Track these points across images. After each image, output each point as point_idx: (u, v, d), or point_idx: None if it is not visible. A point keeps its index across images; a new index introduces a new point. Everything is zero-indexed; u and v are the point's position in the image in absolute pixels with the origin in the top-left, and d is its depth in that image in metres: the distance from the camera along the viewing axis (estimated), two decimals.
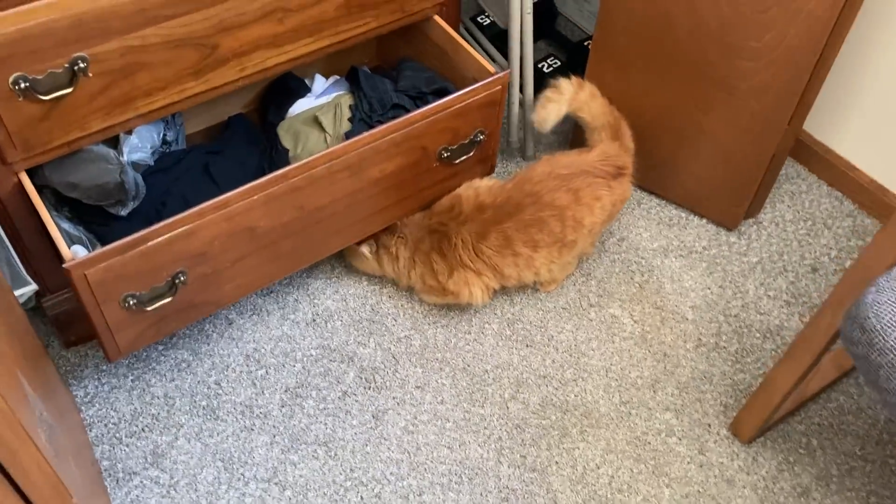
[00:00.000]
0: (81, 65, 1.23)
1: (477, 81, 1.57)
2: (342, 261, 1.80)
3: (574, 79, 1.69)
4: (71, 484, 1.05)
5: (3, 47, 1.16)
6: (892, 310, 1.05)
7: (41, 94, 1.23)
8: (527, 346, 1.68)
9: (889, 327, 1.04)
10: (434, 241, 1.63)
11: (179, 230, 1.30)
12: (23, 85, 1.20)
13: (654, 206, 1.93)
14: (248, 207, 1.37)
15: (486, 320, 1.72)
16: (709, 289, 1.78)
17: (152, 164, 1.51)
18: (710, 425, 1.57)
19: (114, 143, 1.48)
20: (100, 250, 1.25)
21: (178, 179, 1.58)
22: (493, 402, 1.60)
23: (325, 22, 1.47)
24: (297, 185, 1.40)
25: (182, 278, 1.36)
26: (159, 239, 1.28)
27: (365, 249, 1.68)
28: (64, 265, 1.22)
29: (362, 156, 1.46)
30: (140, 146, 1.46)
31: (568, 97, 1.67)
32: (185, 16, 1.30)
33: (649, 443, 1.55)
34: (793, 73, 1.57)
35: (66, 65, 1.23)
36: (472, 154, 1.64)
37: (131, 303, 1.33)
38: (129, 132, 1.47)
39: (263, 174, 1.62)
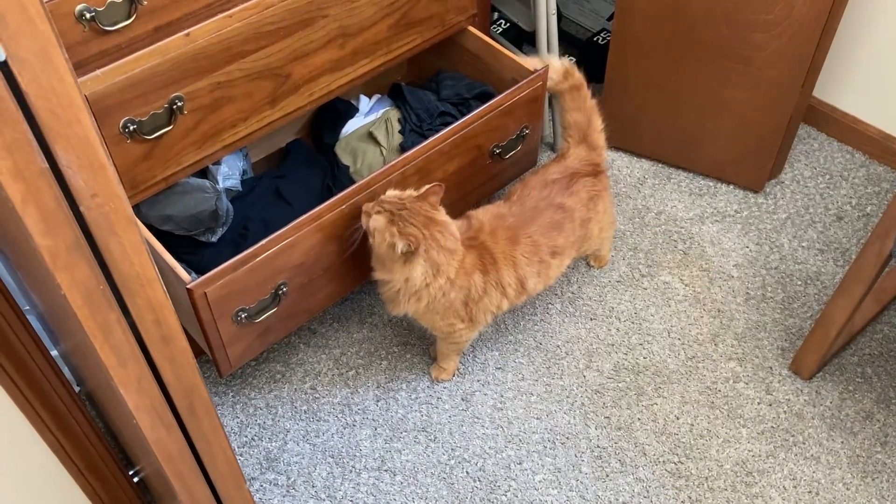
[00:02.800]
0: (179, 103, 1.36)
1: (516, 81, 1.70)
2: None
3: (567, 66, 1.70)
4: None
5: (115, 94, 1.28)
6: None
7: (146, 135, 1.35)
8: (591, 319, 1.81)
9: None
10: (473, 259, 1.52)
11: (283, 243, 1.42)
12: (131, 128, 1.33)
13: (684, 180, 2.07)
14: (338, 217, 1.49)
15: (549, 301, 1.85)
16: (747, 247, 1.92)
17: (241, 189, 1.63)
18: (771, 368, 1.70)
19: (201, 174, 1.60)
20: (215, 270, 1.36)
21: (255, 204, 1.70)
22: (569, 373, 1.72)
23: (379, 43, 1.61)
24: (378, 192, 1.53)
25: (284, 289, 1.48)
26: (266, 253, 1.40)
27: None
28: (187, 286, 1.34)
29: (429, 159, 1.59)
30: (230, 174, 1.58)
31: (552, 77, 1.70)
32: (263, 49, 1.43)
33: (719, 390, 1.68)
34: (803, 39, 1.72)
35: (166, 105, 1.35)
36: (518, 149, 1.78)
37: (242, 317, 1.44)
38: (218, 162, 1.59)
39: (329, 191, 1.76)
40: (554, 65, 1.71)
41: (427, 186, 1.49)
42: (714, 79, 1.87)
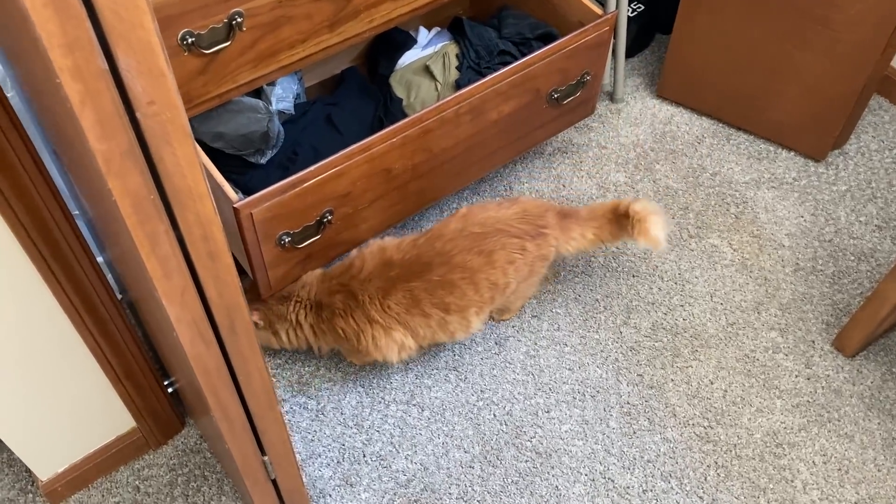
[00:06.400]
0: (238, 19, 1.34)
1: (583, 24, 1.65)
2: (449, 206, 1.90)
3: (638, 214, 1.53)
4: None
5: (177, 4, 1.26)
6: None
7: (203, 49, 1.33)
8: (633, 276, 1.78)
9: None
10: (338, 302, 1.49)
11: (331, 171, 1.41)
12: (189, 40, 1.31)
13: (744, 141, 2.01)
14: (388, 150, 1.47)
15: (592, 254, 1.82)
16: (802, 217, 1.87)
17: (294, 112, 1.62)
18: (814, 342, 1.67)
19: (255, 94, 1.59)
20: (263, 192, 1.36)
21: (306, 129, 1.69)
22: (606, 327, 1.70)
23: None
24: (429, 127, 1.50)
25: (329, 217, 1.47)
26: (315, 179, 1.39)
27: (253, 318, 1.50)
28: (234, 205, 1.34)
29: (485, 98, 1.55)
30: (284, 96, 1.57)
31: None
32: None
33: (758, 359, 1.65)
34: (891, 2, 1.63)
35: (226, 20, 1.33)
36: (577, 95, 1.73)
37: (286, 241, 1.45)
38: (272, 84, 1.58)
39: (380, 122, 1.74)
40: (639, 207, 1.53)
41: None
42: (787, 38, 1.79)
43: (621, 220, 1.55)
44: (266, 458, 1.22)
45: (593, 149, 2.02)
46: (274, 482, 1.30)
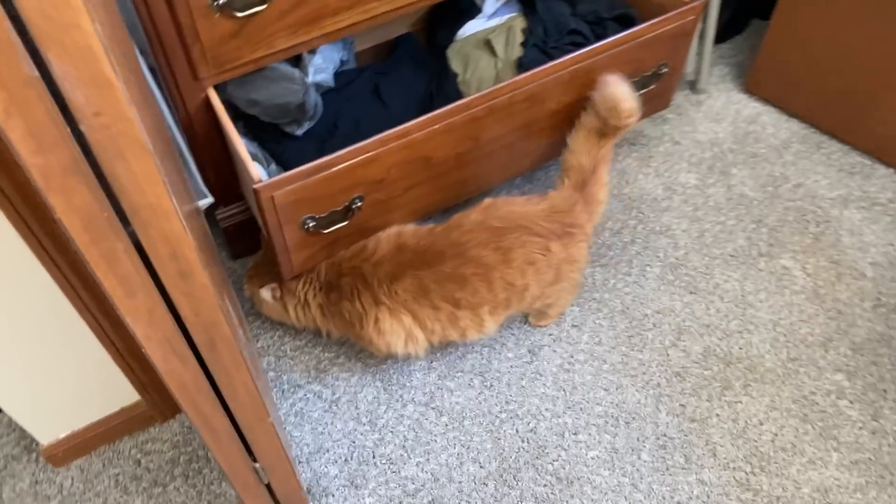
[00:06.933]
0: None
1: (665, 10, 1.47)
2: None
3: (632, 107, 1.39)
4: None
5: None
6: None
7: (237, 11, 1.22)
8: (690, 292, 1.62)
9: None
10: (346, 285, 1.41)
11: (363, 157, 1.29)
12: (221, 1, 1.20)
13: (836, 152, 1.80)
14: (429, 136, 1.34)
15: (648, 263, 1.66)
16: (891, 245, 1.66)
17: (333, 85, 1.50)
18: (885, 391, 1.49)
19: (294, 61, 1.47)
20: (287, 174, 1.25)
21: (350, 100, 1.57)
22: (652, 347, 1.56)
23: None
24: (477, 114, 1.36)
25: (358, 203, 1.36)
26: (344, 164, 1.28)
27: (266, 294, 1.49)
28: (254, 186, 1.23)
29: (544, 86, 1.40)
30: (323, 67, 1.45)
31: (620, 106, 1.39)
32: None
33: (817, 403, 1.48)
34: None
35: None
36: (651, 87, 1.56)
37: (310, 225, 1.34)
38: (313, 52, 1.46)
39: (431, 98, 1.60)
40: (621, 93, 1.36)
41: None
42: None
43: (602, 132, 1.41)
44: (258, 465, 1.14)
45: (665, 143, 1.84)
46: (268, 485, 1.22)
